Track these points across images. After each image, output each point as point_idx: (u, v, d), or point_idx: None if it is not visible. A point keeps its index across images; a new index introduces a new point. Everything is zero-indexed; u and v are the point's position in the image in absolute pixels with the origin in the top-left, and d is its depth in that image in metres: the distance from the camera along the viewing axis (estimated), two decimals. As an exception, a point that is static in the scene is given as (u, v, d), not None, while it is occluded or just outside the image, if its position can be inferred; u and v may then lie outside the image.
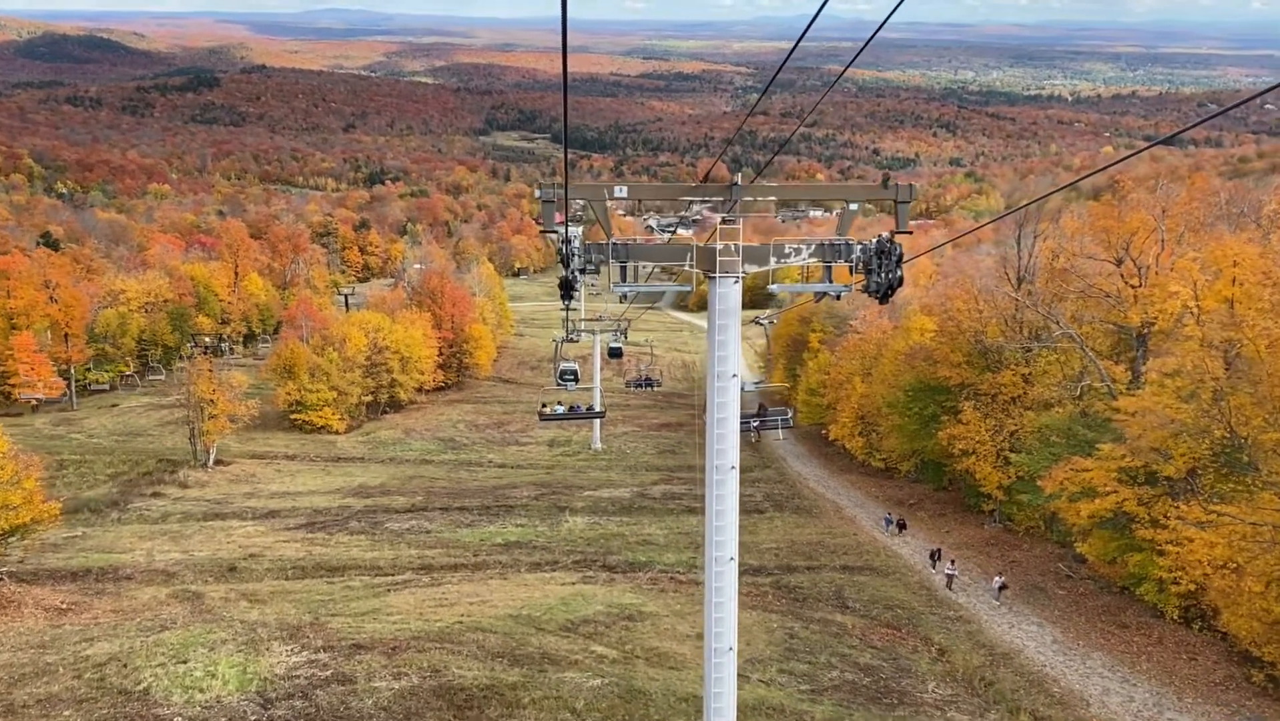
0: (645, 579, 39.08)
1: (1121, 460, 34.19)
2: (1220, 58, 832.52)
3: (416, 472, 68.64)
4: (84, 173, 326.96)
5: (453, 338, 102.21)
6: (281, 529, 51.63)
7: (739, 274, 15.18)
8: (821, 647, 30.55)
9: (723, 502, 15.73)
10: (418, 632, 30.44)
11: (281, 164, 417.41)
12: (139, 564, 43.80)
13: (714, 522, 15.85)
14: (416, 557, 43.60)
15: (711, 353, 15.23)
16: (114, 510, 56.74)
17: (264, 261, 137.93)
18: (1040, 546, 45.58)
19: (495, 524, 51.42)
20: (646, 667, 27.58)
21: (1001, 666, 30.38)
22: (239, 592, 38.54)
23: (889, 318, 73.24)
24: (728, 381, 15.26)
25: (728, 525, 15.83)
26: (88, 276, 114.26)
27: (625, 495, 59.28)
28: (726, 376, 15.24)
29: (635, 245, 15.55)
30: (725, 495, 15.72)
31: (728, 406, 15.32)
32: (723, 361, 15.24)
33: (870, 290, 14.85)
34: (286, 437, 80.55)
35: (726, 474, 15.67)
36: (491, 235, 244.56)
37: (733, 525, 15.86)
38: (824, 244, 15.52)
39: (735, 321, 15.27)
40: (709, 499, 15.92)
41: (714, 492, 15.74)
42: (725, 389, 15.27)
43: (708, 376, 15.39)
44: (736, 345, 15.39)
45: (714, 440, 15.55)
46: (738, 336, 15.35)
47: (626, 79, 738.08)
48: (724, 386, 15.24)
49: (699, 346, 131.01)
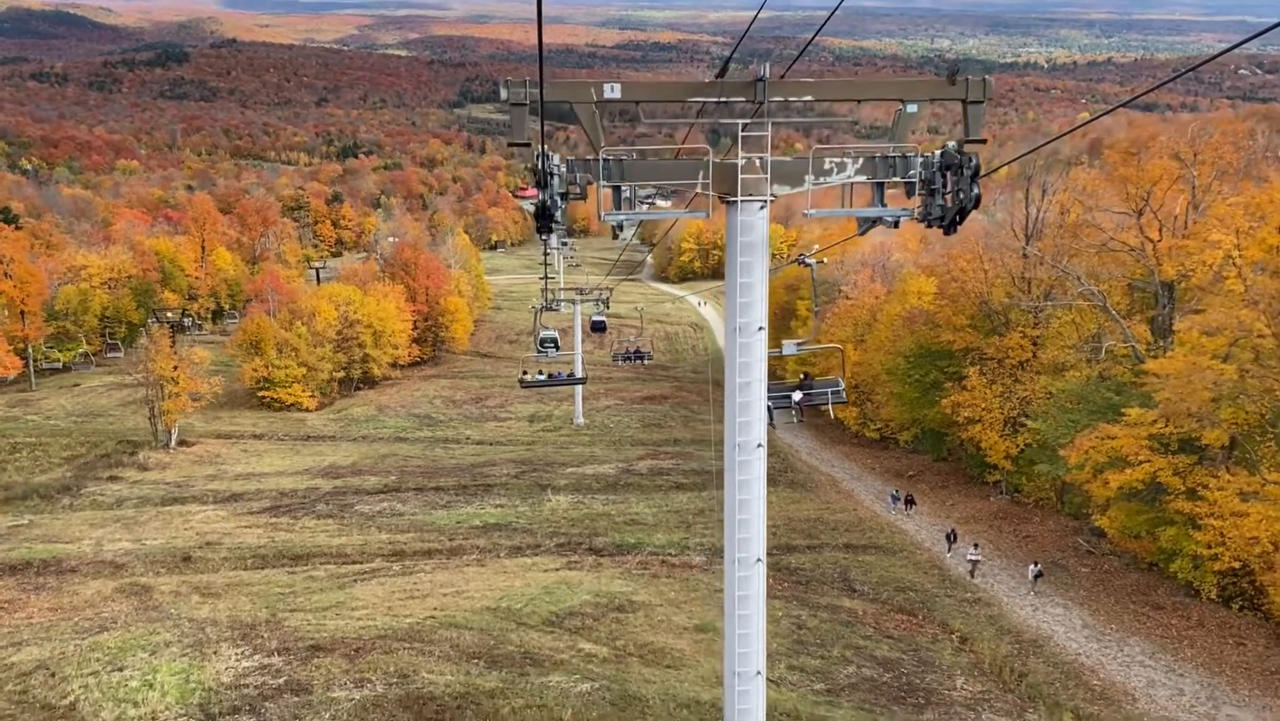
0: (635, 562, 36.05)
1: (1152, 426, 31.37)
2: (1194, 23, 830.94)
3: (390, 451, 65.27)
4: (49, 149, 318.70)
5: (427, 311, 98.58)
6: (244, 513, 48.27)
7: (767, 197, 11.99)
8: (833, 638, 27.64)
9: (747, 490, 12.57)
10: (384, 630, 27.31)
11: (253, 139, 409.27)
12: (85, 555, 40.37)
13: (735, 515, 12.69)
14: (387, 543, 40.38)
15: (731, 300, 12.08)
16: (65, 496, 53.18)
17: (232, 236, 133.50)
18: (1053, 519, 42.91)
19: (473, 504, 48.25)
20: (641, 667, 24.58)
21: (1031, 655, 27.59)
22: (191, 585, 35.21)
23: (881, 281, 70.32)
24: (753, 337, 12.10)
25: (753, 519, 12.71)
26: (47, 252, 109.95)
27: (610, 471, 56.20)
28: (751, 330, 12.09)
29: (632, 162, 12.30)
30: (750, 481, 12.57)
31: (753, 369, 12.16)
32: (746, 311, 12.08)
33: (931, 217, 11.74)
34: (254, 416, 76.92)
35: (752, 454, 12.54)
36: (467, 208, 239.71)
37: (759, 519, 12.76)
38: (875, 157, 12.32)
39: (761, 259, 12.09)
40: (729, 487, 12.78)
41: (735, 478, 12.58)
42: (750, 346, 12.12)
43: (726, 331, 12.23)
44: (763, 290, 12.23)
45: (735, 411, 12.40)
46: (764, 279, 12.16)
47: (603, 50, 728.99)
48: (748, 343, 12.09)
49: (681, 318, 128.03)
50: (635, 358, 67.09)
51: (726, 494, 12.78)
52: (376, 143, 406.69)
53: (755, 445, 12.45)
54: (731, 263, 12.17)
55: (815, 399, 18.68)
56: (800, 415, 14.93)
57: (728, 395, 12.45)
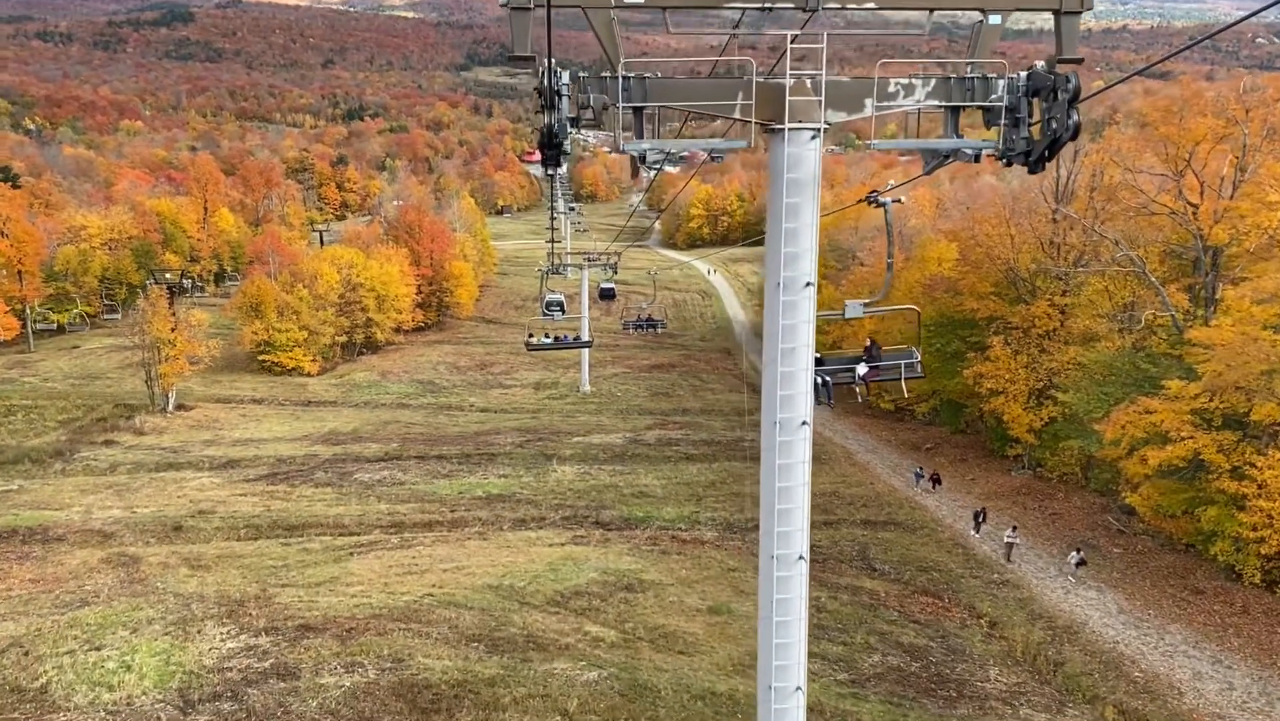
0: (644, 538, 34.45)
1: (1195, 400, 29.52)
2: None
3: (392, 417, 63.70)
4: (53, 109, 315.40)
5: (432, 275, 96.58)
6: (240, 480, 46.77)
7: (820, 124, 10.09)
8: (855, 623, 26.01)
9: (789, 476, 10.75)
10: (379, 609, 25.76)
11: (258, 100, 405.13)
12: (73, 523, 38.89)
13: (774, 505, 10.87)
14: (386, 514, 38.81)
15: (774, 249, 10.20)
16: (59, 460, 51.74)
17: (236, 197, 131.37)
18: (1079, 496, 41.14)
19: (476, 474, 46.67)
20: (652, 653, 22.98)
21: (1066, 643, 25.95)
22: (180, 557, 33.73)
23: (899, 248, 68.16)
24: (799, 294, 10.24)
25: (796, 509, 10.90)
26: (46, 212, 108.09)
27: (617, 441, 54.60)
28: (797, 285, 10.24)
29: (659, 80, 10.38)
30: (793, 465, 10.75)
31: (799, 332, 10.31)
32: (792, 263, 10.20)
33: (1014, 152, 9.84)
34: (254, 380, 75.35)
35: (795, 433, 10.72)
36: (473, 171, 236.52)
37: (803, 511, 10.97)
38: (949, 78, 10.39)
39: (811, 200, 10.21)
40: (767, 472, 10.97)
41: (775, 461, 10.75)
42: (796, 305, 10.25)
43: (767, 288, 10.38)
44: (812, 238, 10.34)
45: (776, 383, 10.54)
46: (814, 224, 10.27)
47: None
48: (794, 302, 10.23)
49: (689, 285, 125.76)
50: (647, 326, 64.93)
51: (764, 480, 10.97)
52: (382, 105, 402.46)
53: (799, 423, 10.62)
54: (775, 204, 10.29)
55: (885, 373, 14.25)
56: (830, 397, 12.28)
57: (767, 363, 10.62)
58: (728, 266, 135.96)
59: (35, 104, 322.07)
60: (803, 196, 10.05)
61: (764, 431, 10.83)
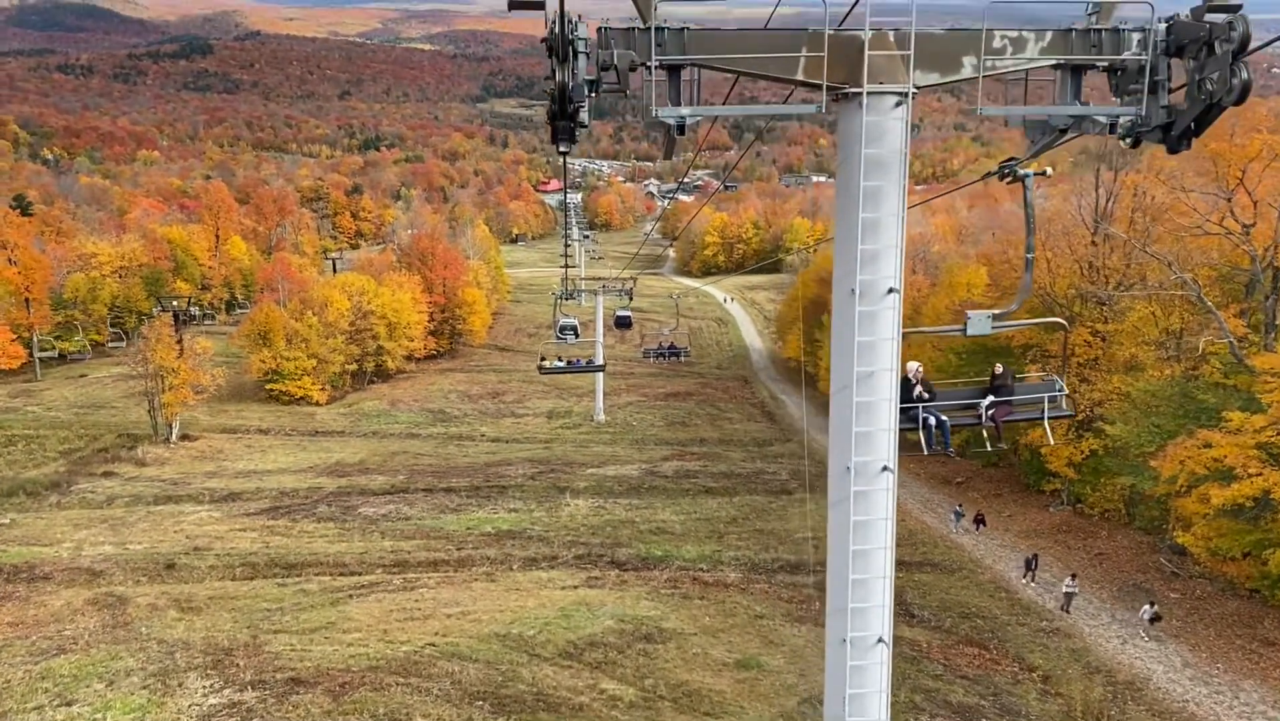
0: (663, 579, 32.21)
1: (1261, 434, 27.24)
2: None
3: (401, 448, 61.74)
4: (71, 139, 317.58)
5: (445, 302, 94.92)
6: (240, 514, 44.80)
7: (907, 88, 8.08)
8: (898, 678, 23.56)
9: (867, 537, 8.62)
10: (376, 660, 23.64)
11: (275, 131, 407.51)
12: (61, 560, 36.97)
13: (847, 573, 8.71)
14: (390, 551, 36.73)
15: (845, 244, 8.15)
16: (54, 493, 49.93)
17: (249, 225, 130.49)
18: (1123, 534, 38.70)
19: (485, 508, 44.56)
20: (675, 715, 20.75)
21: (1130, 701, 23.58)
22: (170, 598, 31.70)
23: (924, 274, 66.10)
24: (879, 303, 8.18)
25: (875, 580, 8.72)
26: (57, 239, 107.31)
27: (633, 473, 52.45)
28: (878, 292, 8.20)
29: (701, 33, 8.33)
30: (872, 524, 8.60)
31: (879, 353, 8.23)
32: (872, 264, 8.14)
33: (1148, 127, 7.78)
34: (261, 410, 73.60)
35: (874, 482, 8.60)
36: (488, 200, 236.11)
37: (884, 581, 8.80)
38: (1070, 30, 8.35)
39: (897, 182, 8.18)
40: (837, 531, 8.85)
41: (848, 517, 8.60)
42: (875, 318, 8.18)
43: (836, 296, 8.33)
44: (898, 230, 8.28)
45: (850, 417, 8.41)
46: (900, 213, 8.21)
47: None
48: (874, 313, 8.17)
49: (705, 312, 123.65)
50: (669, 354, 62.46)
51: (832, 542, 8.87)
52: (398, 136, 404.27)
53: (879, 469, 8.53)
54: (848, 189, 8.25)
55: (1022, 410, 11.05)
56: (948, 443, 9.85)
57: (837, 392, 8.55)
58: (743, 294, 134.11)
59: (54, 134, 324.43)
60: (886, 179, 8.06)
61: (832, 480, 8.74)
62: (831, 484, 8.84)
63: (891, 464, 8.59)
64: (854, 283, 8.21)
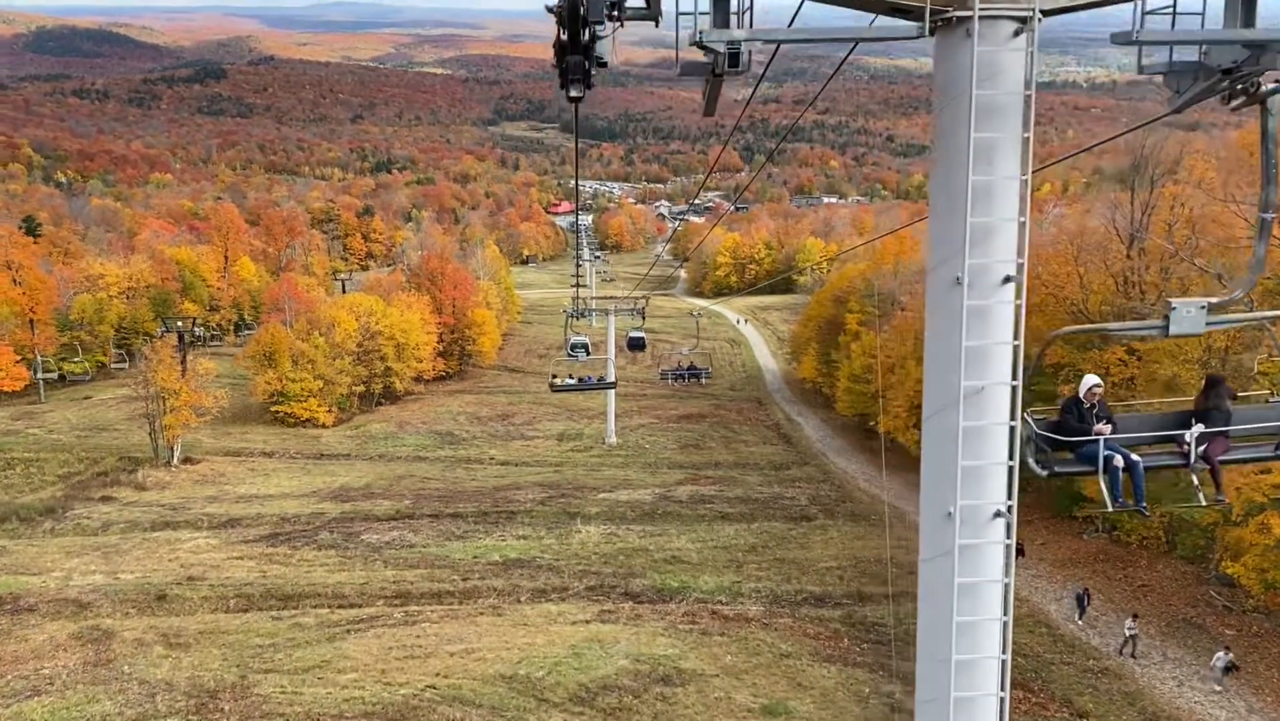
0: (680, 614, 30.32)
1: (1323, 459, 25.22)
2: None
3: (407, 471, 60.03)
4: (85, 162, 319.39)
5: (454, 323, 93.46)
6: (238, 541, 43.10)
7: (1032, 11, 6.30)
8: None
9: (976, 604, 6.69)
10: (372, 704, 21.84)
11: (287, 154, 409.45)
12: (49, 590, 35.34)
13: (949, 651, 6.77)
14: (392, 582, 34.93)
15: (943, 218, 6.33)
16: (49, 519, 48.40)
17: (258, 246, 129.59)
18: (1164, 564, 36.61)
19: (493, 535, 42.75)
20: (697, 770, 18.85)
21: (1194, 753, 21.55)
22: (159, 632, 29.98)
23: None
24: (994, 295, 6.34)
25: (984, 664, 6.79)
26: (65, 260, 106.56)
27: (646, 498, 50.60)
28: (991, 281, 6.33)
29: None
30: (981, 588, 6.69)
31: (993, 361, 6.40)
32: (984, 243, 6.24)
33: None
34: (266, 432, 72.06)
35: (985, 532, 6.73)
36: (499, 222, 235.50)
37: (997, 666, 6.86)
38: None
39: (1016, 136, 6.35)
40: (932, 587, 6.97)
41: (950, 577, 6.68)
42: (989, 315, 6.35)
43: (930, 284, 6.53)
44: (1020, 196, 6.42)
45: (951, 448, 6.52)
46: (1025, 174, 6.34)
47: (636, 68, 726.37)
48: (985, 308, 6.33)
49: (717, 333, 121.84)
50: (689, 375, 60.45)
51: (924, 610, 7.02)
52: (410, 158, 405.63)
53: (992, 515, 6.71)
54: (949, 142, 6.44)
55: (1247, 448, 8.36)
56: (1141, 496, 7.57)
57: (932, 415, 6.74)
58: (755, 314, 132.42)
59: (68, 158, 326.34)
60: (1003, 128, 6.30)
61: (926, 529, 6.87)
62: (925, 535, 6.99)
63: (1008, 508, 6.77)
64: (959, 268, 6.40)
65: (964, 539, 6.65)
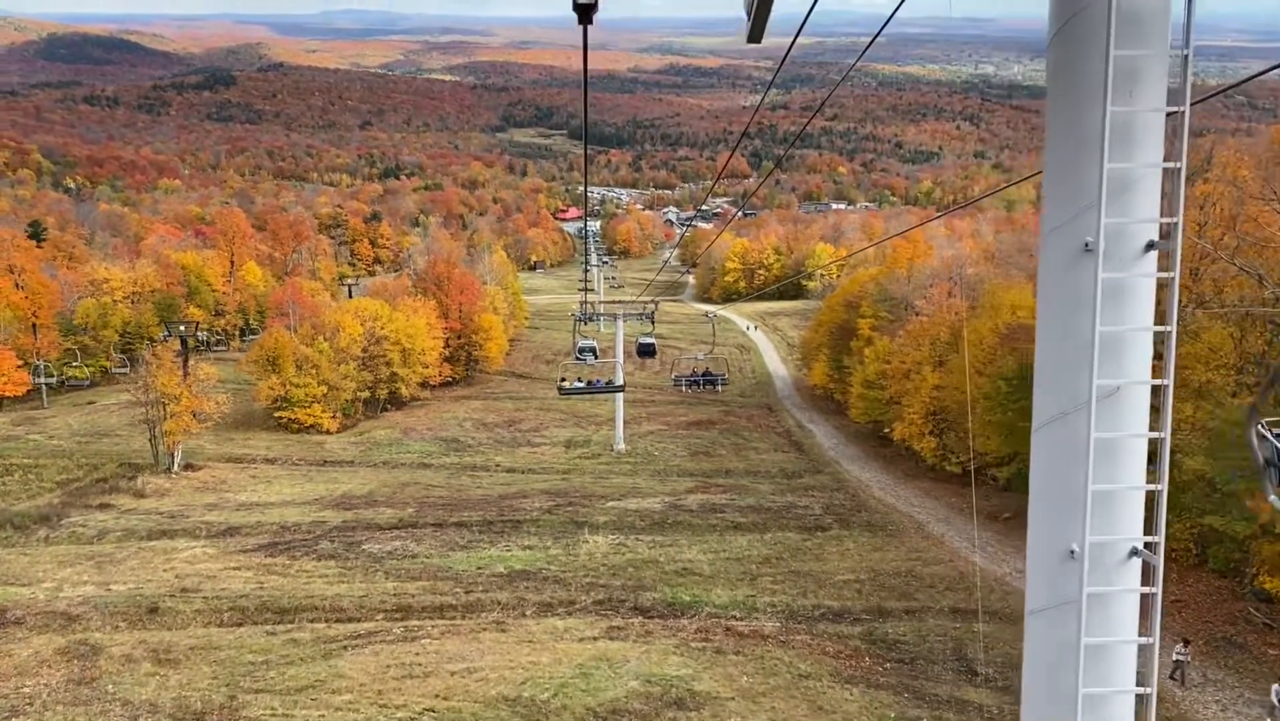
0: (692, 630, 28.92)
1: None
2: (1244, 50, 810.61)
3: (411, 478, 58.77)
4: (94, 168, 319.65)
5: (460, 328, 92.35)
6: (236, 551, 41.84)
7: None
8: (970, 756, 20.34)
9: (1108, 670, 5.29)
10: (366, 729, 20.52)
11: (296, 160, 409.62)
12: (38, 602, 34.11)
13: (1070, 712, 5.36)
14: (392, 594, 33.60)
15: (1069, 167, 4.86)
16: (44, 527, 47.18)
17: (264, 251, 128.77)
18: (1195, 577, 35.09)
19: (498, 545, 41.43)
20: (714, 805, 17.47)
21: (1246, 786, 20.09)
22: (148, 648, 28.68)
23: (961, 296, 62.77)
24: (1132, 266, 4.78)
25: None
26: (69, 264, 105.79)
27: (656, 506, 49.26)
28: (1132, 250, 4.76)
29: None
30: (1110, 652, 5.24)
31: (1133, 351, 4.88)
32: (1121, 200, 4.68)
33: None
34: (269, 438, 70.96)
35: (1116, 574, 5.36)
36: (507, 228, 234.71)
37: None
38: None
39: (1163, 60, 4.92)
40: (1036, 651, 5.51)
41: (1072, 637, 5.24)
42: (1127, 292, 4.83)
43: (1042, 253, 5.14)
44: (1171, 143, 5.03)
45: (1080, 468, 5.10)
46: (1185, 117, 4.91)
47: (644, 75, 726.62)
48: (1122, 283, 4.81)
49: (726, 339, 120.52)
50: (705, 382, 58.93)
51: (1031, 668, 5.58)
52: (418, 165, 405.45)
53: (1127, 554, 5.34)
54: (1073, 67, 5.04)
55: None
56: None
57: (1045, 424, 5.37)
58: (765, 320, 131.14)
59: (77, 164, 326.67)
60: (1151, 45, 4.90)
61: (1035, 568, 5.42)
62: (1034, 579, 5.55)
63: (1150, 545, 5.38)
64: (1090, 230, 4.95)
65: (1094, 586, 5.26)
